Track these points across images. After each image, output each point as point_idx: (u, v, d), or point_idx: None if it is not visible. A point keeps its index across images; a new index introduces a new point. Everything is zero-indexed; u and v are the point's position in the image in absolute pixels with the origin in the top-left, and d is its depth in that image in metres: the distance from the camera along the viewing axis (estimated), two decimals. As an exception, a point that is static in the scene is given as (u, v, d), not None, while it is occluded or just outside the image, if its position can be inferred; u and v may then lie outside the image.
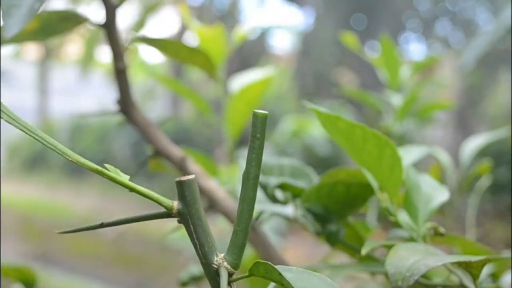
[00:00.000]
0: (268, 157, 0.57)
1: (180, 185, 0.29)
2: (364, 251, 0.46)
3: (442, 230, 0.49)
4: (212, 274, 0.29)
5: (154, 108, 8.02)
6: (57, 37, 0.61)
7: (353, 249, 0.56)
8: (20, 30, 0.46)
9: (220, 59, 0.85)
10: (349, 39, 1.22)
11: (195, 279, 0.78)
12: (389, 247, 0.44)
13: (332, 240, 0.54)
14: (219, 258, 0.29)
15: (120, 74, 0.61)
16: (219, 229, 0.97)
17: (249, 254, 0.75)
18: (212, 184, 0.63)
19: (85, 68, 6.65)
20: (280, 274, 0.28)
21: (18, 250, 4.69)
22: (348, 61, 6.56)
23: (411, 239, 0.49)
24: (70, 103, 9.46)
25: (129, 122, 0.64)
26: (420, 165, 0.85)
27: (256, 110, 0.29)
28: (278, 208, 0.57)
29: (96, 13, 0.60)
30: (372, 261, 0.54)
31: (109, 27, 0.59)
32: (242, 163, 0.30)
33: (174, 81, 0.98)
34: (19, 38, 0.59)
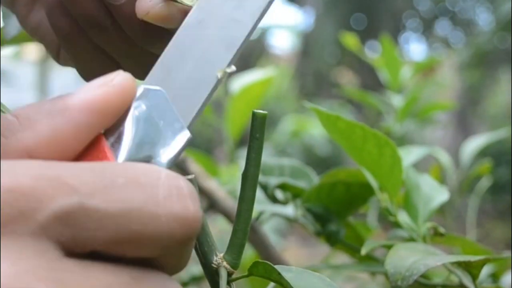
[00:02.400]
0: (268, 157, 0.57)
1: (180, 185, 0.29)
2: (363, 251, 0.46)
3: (442, 230, 0.49)
4: (212, 273, 0.29)
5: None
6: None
7: (353, 249, 0.56)
8: (20, 31, 0.46)
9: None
10: (349, 39, 1.22)
11: (195, 279, 0.78)
12: (389, 247, 0.44)
13: (332, 240, 0.54)
14: (219, 258, 0.29)
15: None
16: (219, 229, 0.97)
17: (249, 254, 0.75)
18: (212, 184, 0.63)
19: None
20: (279, 273, 0.28)
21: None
22: (348, 61, 6.56)
23: (411, 239, 0.49)
24: (70, 103, 9.42)
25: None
26: (420, 166, 0.85)
27: (256, 110, 0.29)
28: (278, 208, 0.57)
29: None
30: (372, 261, 0.54)
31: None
32: (242, 163, 0.30)
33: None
34: (20, 39, 0.59)
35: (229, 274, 0.29)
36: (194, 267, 0.78)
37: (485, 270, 0.60)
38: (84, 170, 0.21)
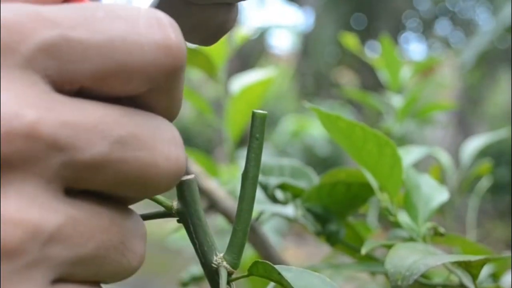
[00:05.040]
0: (268, 158, 0.57)
1: (180, 185, 0.29)
2: (363, 251, 0.46)
3: (442, 230, 0.49)
4: (212, 273, 0.30)
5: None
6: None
7: (353, 249, 0.56)
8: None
9: (220, 60, 0.85)
10: (349, 40, 1.22)
11: (195, 279, 0.78)
12: (389, 247, 0.44)
13: (332, 240, 0.54)
14: (219, 258, 0.29)
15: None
16: (219, 229, 0.97)
17: (249, 254, 0.75)
18: (212, 184, 0.63)
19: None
20: (279, 273, 0.28)
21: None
22: (348, 61, 6.56)
23: (411, 239, 0.50)
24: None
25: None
26: (420, 166, 0.85)
27: (255, 110, 0.29)
28: (278, 208, 0.57)
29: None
30: (372, 261, 0.54)
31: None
32: (242, 163, 0.30)
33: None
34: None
35: (229, 274, 0.29)
36: (194, 267, 0.78)
37: (485, 270, 0.60)
38: (63, 7, 0.22)
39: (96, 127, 0.21)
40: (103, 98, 0.22)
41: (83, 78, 0.21)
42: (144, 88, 0.23)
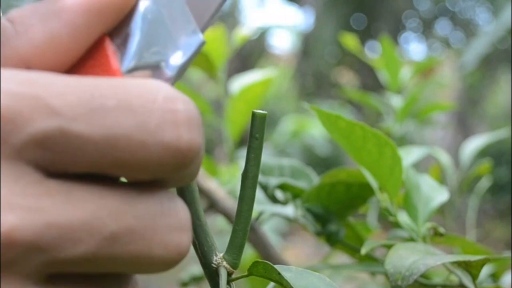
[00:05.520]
0: (268, 158, 0.57)
1: (180, 185, 0.29)
2: (363, 251, 0.46)
3: (441, 230, 0.49)
4: (212, 273, 0.30)
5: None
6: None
7: (353, 249, 0.56)
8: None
9: (220, 60, 0.85)
10: (349, 40, 1.22)
11: (195, 279, 0.78)
12: (389, 247, 0.44)
13: (332, 240, 0.54)
14: (218, 258, 0.29)
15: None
16: (219, 229, 0.97)
17: (249, 254, 0.75)
18: (212, 184, 0.63)
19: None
20: (279, 273, 0.28)
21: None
22: (348, 61, 6.56)
23: (411, 239, 0.49)
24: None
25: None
26: (420, 166, 0.85)
27: (255, 110, 0.29)
28: (278, 209, 0.57)
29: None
30: (372, 261, 0.54)
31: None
32: (242, 163, 0.30)
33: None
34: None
35: (229, 274, 0.29)
36: (194, 267, 0.78)
37: (485, 270, 0.60)
38: (70, 88, 0.19)
39: (86, 225, 0.19)
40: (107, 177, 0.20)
41: (77, 168, 0.20)
42: (147, 179, 0.21)
